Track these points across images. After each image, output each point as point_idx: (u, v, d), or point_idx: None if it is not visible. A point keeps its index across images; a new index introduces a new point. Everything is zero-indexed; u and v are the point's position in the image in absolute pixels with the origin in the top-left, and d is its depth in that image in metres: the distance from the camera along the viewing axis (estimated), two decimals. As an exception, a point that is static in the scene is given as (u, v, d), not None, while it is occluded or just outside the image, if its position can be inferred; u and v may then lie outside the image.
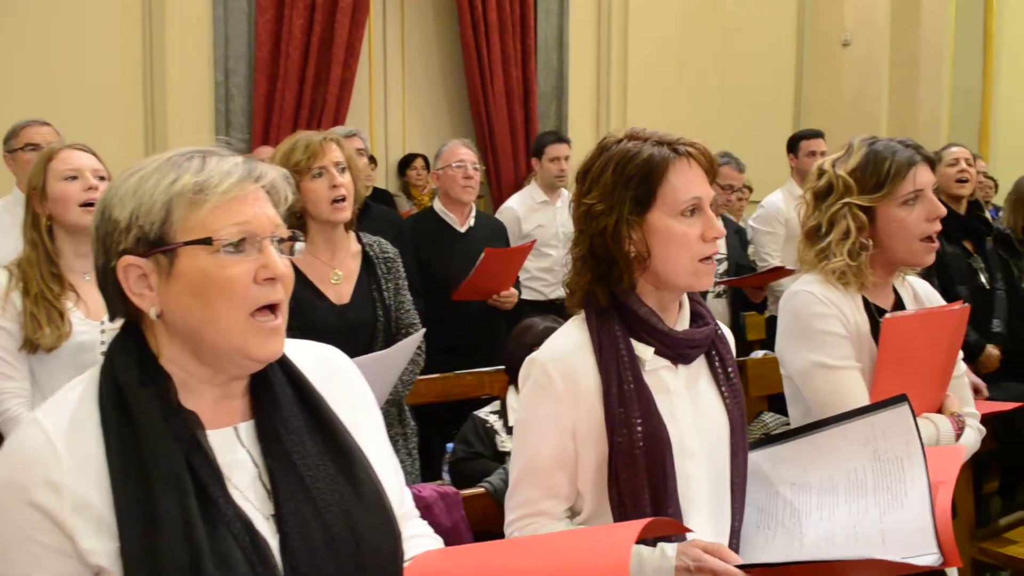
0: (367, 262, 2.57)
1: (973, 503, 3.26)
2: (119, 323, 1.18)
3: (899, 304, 2.02)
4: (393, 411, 2.58)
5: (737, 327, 4.47)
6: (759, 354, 3.79)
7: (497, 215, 4.80)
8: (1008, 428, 3.34)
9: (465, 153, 3.76)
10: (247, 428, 1.17)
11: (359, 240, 2.61)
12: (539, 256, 4.53)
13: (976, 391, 3.34)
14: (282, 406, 1.17)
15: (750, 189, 6.53)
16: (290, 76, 5.39)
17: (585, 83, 6.72)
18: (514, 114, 6.18)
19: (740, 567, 1.39)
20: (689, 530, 1.39)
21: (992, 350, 3.61)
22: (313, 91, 5.46)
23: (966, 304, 1.99)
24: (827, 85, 7.95)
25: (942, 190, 3.70)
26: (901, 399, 1.52)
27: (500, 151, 6.12)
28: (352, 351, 2.44)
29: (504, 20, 6.09)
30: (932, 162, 1.94)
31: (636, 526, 1.13)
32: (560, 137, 4.76)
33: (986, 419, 3.24)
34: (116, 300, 1.14)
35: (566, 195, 4.46)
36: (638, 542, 1.27)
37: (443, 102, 6.30)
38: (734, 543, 1.56)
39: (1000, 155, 9.03)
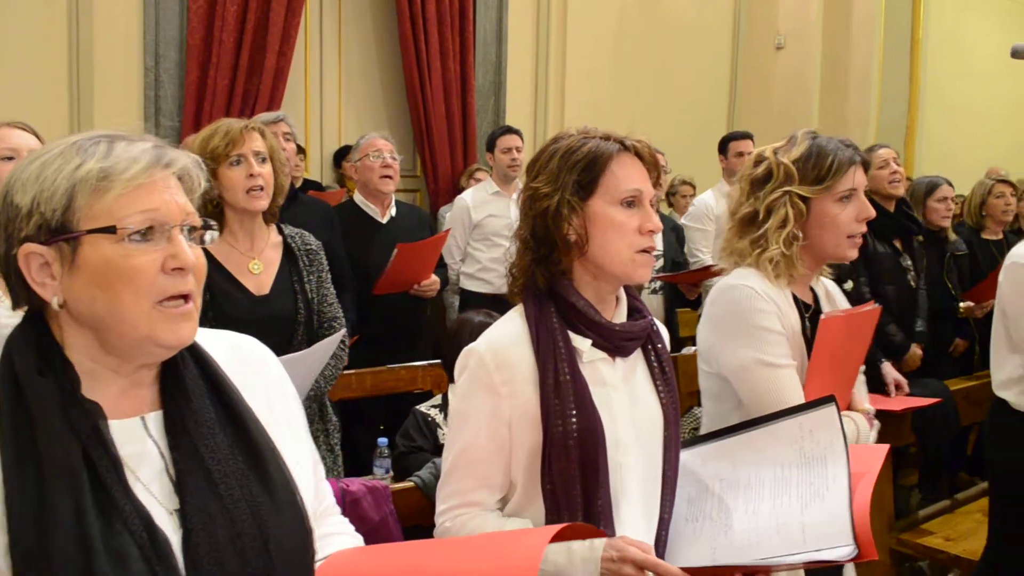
0: (288, 253, 2.53)
1: (892, 496, 3.36)
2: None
3: (816, 301, 2.05)
4: (314, 407, 2.54)
5: (671, 323, 4.53)
6: (691, 350, 3.84)
7: (453, 206, 4.83)
8: (926, 423, 3.45)
9: (382, 143, 3.75)
10: (155, 419, 1.13)
11: (280, 231, 2.56)
12: (490, 246, 4.57)
13: (898, 387, 3.45)
14: (192, 397, 1.14)
15: (693, 188, 6.63)
16: (223, 63, 5.27)
17: (523, 78, 6.73)
18: (452, 108, 6.14)
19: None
20: (604, 534, 1.40)
21: (915, 350, 3.71)
22: (246, 79, 5.34)
23: (878, 306, 2.04)
24: (760, 86, 8.11)
25: (875, 191, 3.80)
26: (829, 400, 1.56)
27: (437, 145, 6.09)
28: (272, 343, 2.40)
29: (443, 13, 6.06)
30: (866, 165, 1.98)
31: (550, 531, 1.13)
32: (511, 129, 4.85)
33: (906, 415, 3.36)
34: (19, 288, 1.10)
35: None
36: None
37: (380, 94, 6.24)
38: (663, 534, 1.58)
39: (924, 157, 9.33)
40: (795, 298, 1.97)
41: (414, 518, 2.09)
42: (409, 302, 3.81)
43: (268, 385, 1.26)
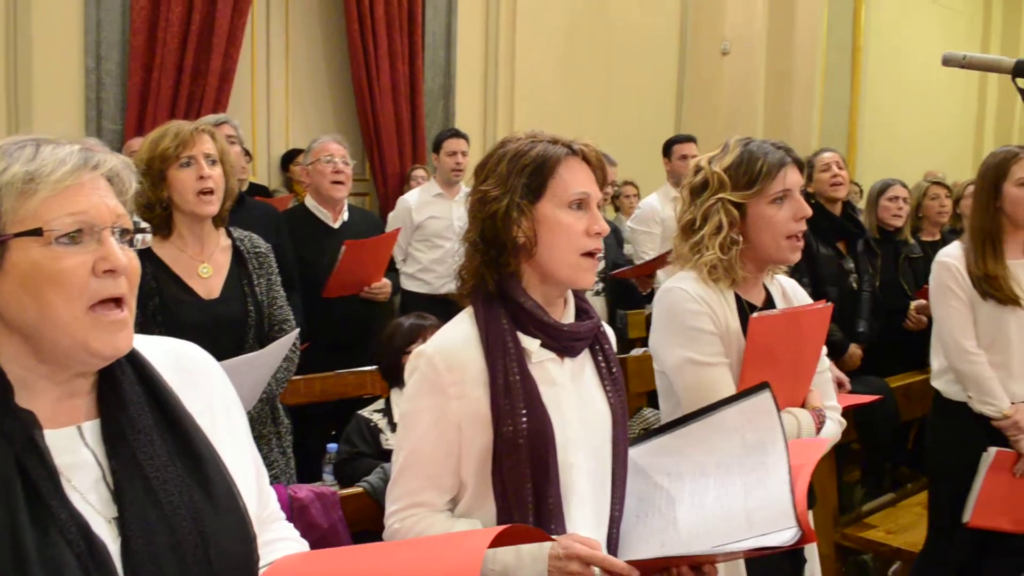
0: (238, 257, 2.50)
1: (836, 491, 3.43)
2: None
3: (769, 301, 2.10)
4: (266, 409, 2.52)
5: (614, 324, 4.57)
6: (639, 351, 3.88)
7: (395, 208, 4.82)
8: (868, 420, 3.53)
9: (335, 148, 3.72)
10: (92, 427, 1.11)
11: (229, 234, 2.53)
12: (432, 247, 4.57)
13: (840, 385, 3.52)
14: (129, 405, 1.12)
15: (636, 188, 6.69)
16: (167, 65, 5.19)
17: (473, 81, 6.74)
18: (400, 111, 6.13)
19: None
20: (551, 538, 1.41)
21: (855, 349, 3.79)
22: (191, 81, 5.27)
23: (829, 303, 2.08)
24: (706, 91, 8.23)
25: (819, 194, 3.87)
26: (763, 387, 1.60)
27: (386, 148, 6.07)
28: (222, 347, 2.38)
29: (391, 15, 6.04)
30: (801, 164, 2.03)
31: (492, 532, 1.13)
32: (457, 132, 4.85)
33: (848, 411, 3.43)
34: None
35: (464, 191, 4.51)
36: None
37: (328, 97, 6.20)
38: (614, 532, 1.60)
39: (866, 161, 9.56)
40: (739, 299, 2.01)
41: (363, 524, 2.08)
42: (362, 306, 3.78)
43: (209, 391, 1.24)
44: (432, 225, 4.62)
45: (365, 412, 2.76)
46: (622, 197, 6.81)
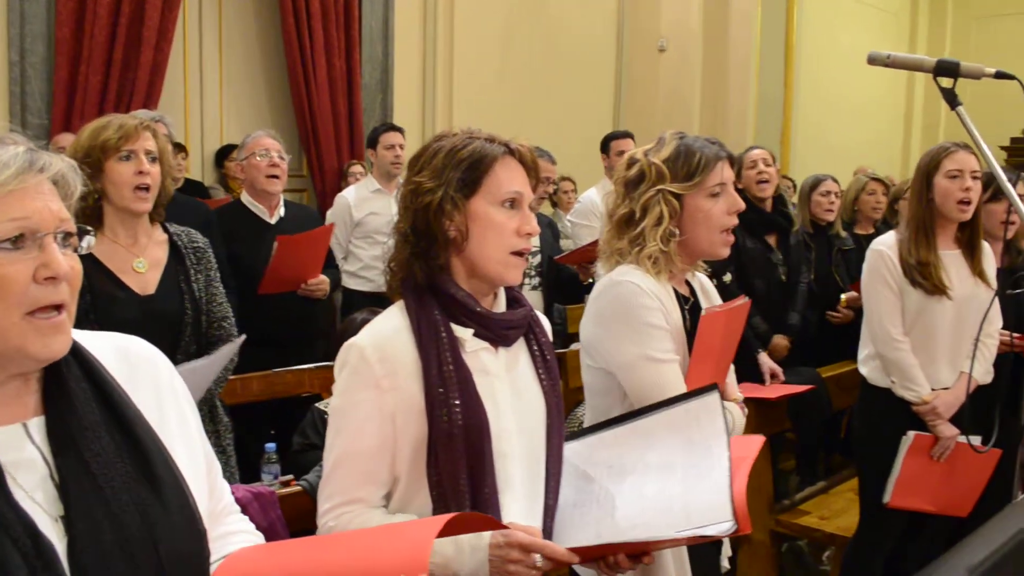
0: (175, 251, 2.46)
1: (771, 480, 3.51)
2: None
3: (693, 294, 2.13)
4: (204, 409, 2.47)
5: (552, 319, 4.60)
6: (578, 346, 3.91)
7: (334, 204, 4.76)
8: (800, 409, 3.62)
9: (269, 143, 3.67)
10: (38, 424, 1.10)
11: (165, 229, 2.48)
12: (373, 244, 4.53)
13: (773, 376, 3.61)
14: (76, 402, 1.11)
15: (574, 184, 6.73)
16: (95, 58, 5.04)
17: (411, 76, 6.70)
18: (337, 106, 6.07)
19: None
20: (504, 525, 1.42)
21: (780, 340, 3.88)
22: (121, 75, 5.13)
23: (747, 299, 2.13)
24: (644, 88, 8.32)
25: (746, 190, 3.95)
26: (712, 388, 1.63)
27: (323, 143, 6.00)
28: (159, 344, 2.31)
29: (327, 9, 5.97)
30: (733, 160, 2.07)
31: (439, 521, 1.14)
32: (393, 126, 4.82)
33: (781, 401, 3.52)
34: None
35: (403, 185, 4.50)
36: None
37: (263, 92, 6.10)
38: (548, 521, 1.61)
39: (799, 157, 9.77)
40: (676, 293, 2.04)
41: (302, 522, 2.05)
42: (300, 303, 3.74)
43: (157, 386, 1.23)
44: (372, 222, 4.58)
45: (321, 405, 2.80)
46: (560, 192, 6.85)
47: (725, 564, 2.16)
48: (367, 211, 4.59)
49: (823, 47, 10.04)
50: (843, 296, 4.36)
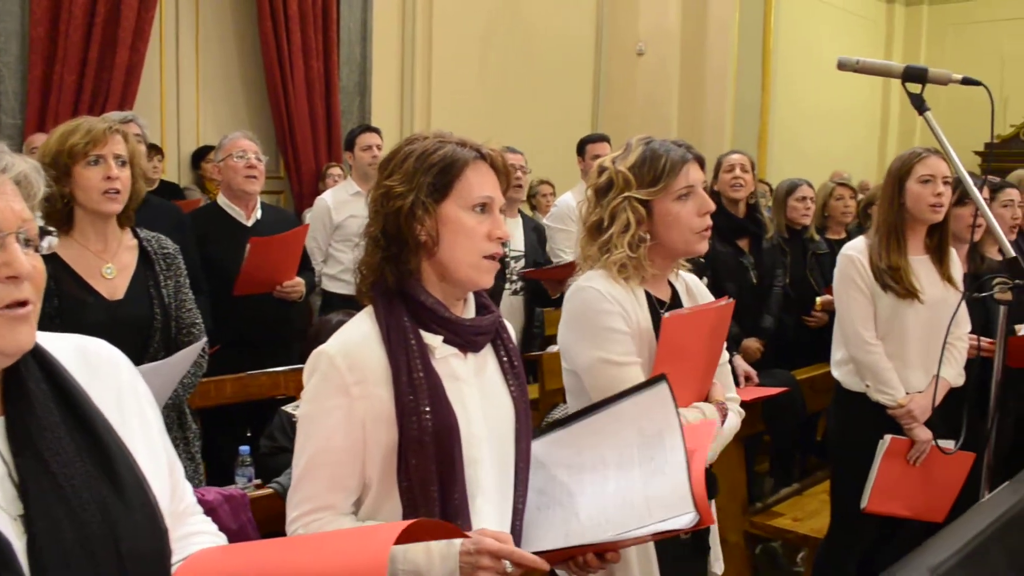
0: (144, 257, 2.44)
1: (746, 483, 3.53)
2: None
3: (676, 297, 2.15)
4: (173, 415, 2.47)
5: (532, 323, 4.61)
6: (556, 348, 3.92)
7: (313, 207, 4.74)
8: (775, 411, 3.64)
9: (246, 144, 3.66)
10: None
11: (135, 234, 2.47)
12: (352, 247, 4.42)
13: (748, 378, 3.63)
14: (35, 402, 1.10)
15: (552, 187, 6.74)
16: (70, 58, 5.01)
17: (389, 78, 6.70)
18: (315, 108, 6.05)
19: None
20: (460, 532, 1.42)
21: (751, 343, 3.91)
22: (96, 75, 5.10)
23: (731, 299, 2.15)
24: (622, 91, 8.36)
25: (722, 194, 3.98)
26: (660, 378, 1.64)
27: (300, 146, 5.98)
28: (127, 350, 2.30)
29: (305, 11, 5.96)
30: (702, 161, 2.09)
31: (399, 526, 1.14)
32: (369, 127, 4.80)
33: (755, 404, 3.54)
34: None
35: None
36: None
37: (240, 93, 6.08)
38: (517, 524, 1.62)
39: (776, 161, 9.84)
40: (649, 296, 2.05)
41: (274, 525, 2.05)
42: (276, 305, 3.72)
43: (118, 387, 1.23)
44: (352, 225, 4.54)
45: (288, 408, 2.76)
46: (538, 196, 6.86)
47: (717, 570, 2.17)
48: (347, 214, 4.56)
49: (800, 53, 10.13)
50: (818, 300, 4.40)
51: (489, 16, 7.35)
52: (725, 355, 2.20)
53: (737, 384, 3.57)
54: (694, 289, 2.20)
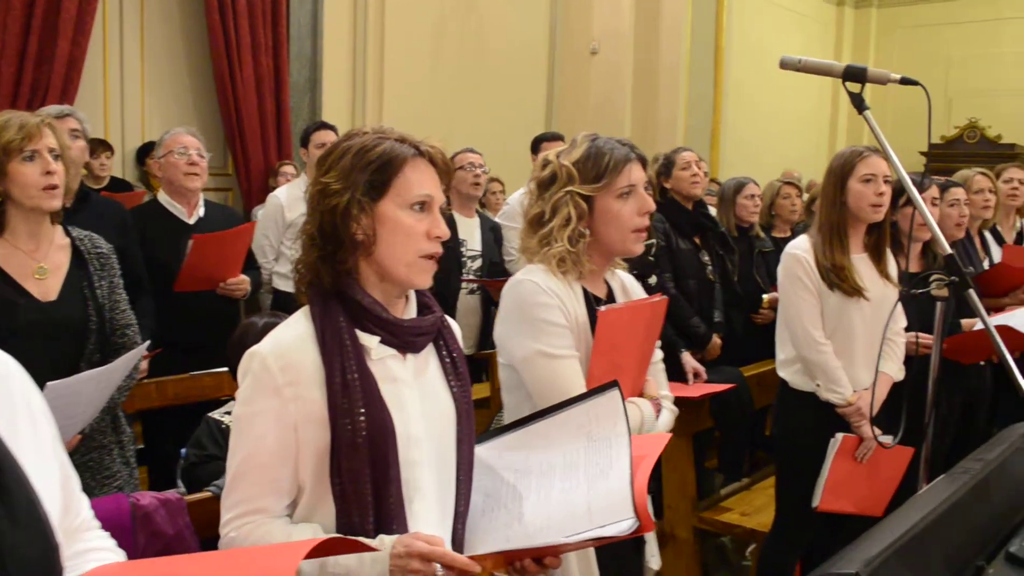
0: (77, 257, 2.38)
1: (695, 479, 3.56)
2: None
3: (611, 294, 2.15)
4: (107, 419, 2.40)
5: (489, 322, 4.59)
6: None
7: (265, 204, 4.67)
8: (723, 407, 3.67)
9: (188, 140, 3.59)
10: None
11: (68, 233, 2.40)
12: None
13: (696, 375, 3.65)
14: None
15: (502, 185, 6.72)
16: (8, 51, 4.87)
17: (340, 74, 6.62)
18: (265, 104, 5.96)
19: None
20: (370, 547, 1.38)
21: (716, 340, 3.94)
22: (35, 69, 4.96)
23: (665, 297, 2.16)
24: (575, 90, 8.37)
25: (677, 191, 4.00)
26: (612, 385, 1.63)
27: (250, 142, 5.89)
28: (61, 352, 2.26)
29: (254, 6, 5.87)
30: (644, 161, 2.09)
31: (307, 544, 1.11)
32: (325, 124, 4.75)
33: (704, 400, 3.56)
34: None
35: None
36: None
37: (188, 89, 5.96)
38: (459, 528, 1.60)
39: (728, 159, 9.95)
40: (585, 292, 2.05)
41: (213, 529, 2.00)
42: (221, 304, 3.66)
43: (10, 397, 1.18)
44: (302, 222, 4.50)
45: (215, 414, 2.66)
46: (488, 194, 6.83)
47: (654, 566, 2.17)
48: (299, 212, 4.50)
49: (752, 53, 10.25)
50: (765, 297, 4.44)
51: (442, 12, 7.31)
52: (659, 354, 2.20)
53: (686, 381, 3.62)
54: (629, 288, 2.21)
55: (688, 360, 3.66)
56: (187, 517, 1.97)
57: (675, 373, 3.64)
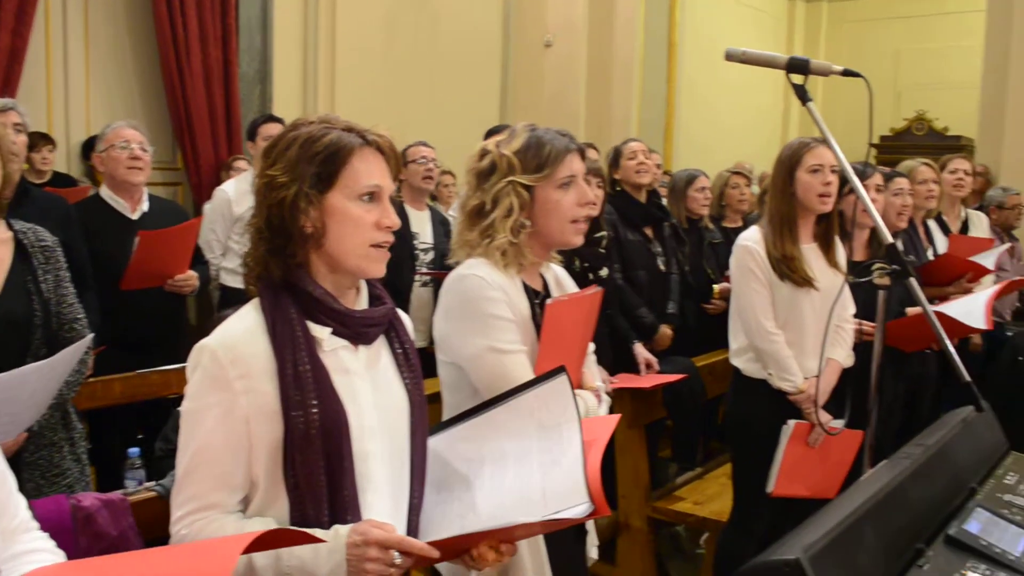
0: (20, 251, 2.31)
1: (648, 469, 3.58)
2: None
3: (546, 287, 2.14)
4: (56, 416, 2.34)
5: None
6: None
7: (212, 198, 4.59)
8: (675, 398, 3.70)
9: (130, 133, 3.52)
10: None
11: (10, 227, 2.34)
12: None
13: (648, 366, 3.67)
14: None
15: (454, 177, 6.69)
16: (-56, 43, 4.74)
17: (291, 67, 6.53)
18: (214, 97, 5.86)
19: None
20: (316, 539, 1.37)
21: (665, 330, 3.97)
22: (-26, 60, 4.84)
23: (600, 289, 2.16)
24: (530, 82, 8.36)
25: (625, 181, 4.02)
26: (560, 371, 1.63)
27: (199, 135, 5.79)
28: (8, 348, 2.20)
29: (202, -4, 5.77)
30: (583, 152, 2.08)
31: (247, 538, 1.09)
32: (273, 117, 4.68)
33: (656, 391, 3.59)
34: None
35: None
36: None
37: (134, 81, 5.83)
38: (413, 519, 1.59)
39: (682, 153, 10.03)
40: (525, 285, 2.04)
41: (159, 529, 1.96)
42: (167, 301, 3.60)
43: None
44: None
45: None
46: (441, 187, 6.79)
47: (593, 555, 2.18)
48: (247, 205, 4.40)
49: (705, 47, 10.33)
50: (716, 287, 4.49)
51: (395, 3, 7.25)
52: (591, 346, 2.20)
53: (638, 372, 3.64)
54: (563, 280, 2.20)
55: (640, 351, 3.68)
56: (131, 518, 1.93)
57: (628, 365, 3.66)
